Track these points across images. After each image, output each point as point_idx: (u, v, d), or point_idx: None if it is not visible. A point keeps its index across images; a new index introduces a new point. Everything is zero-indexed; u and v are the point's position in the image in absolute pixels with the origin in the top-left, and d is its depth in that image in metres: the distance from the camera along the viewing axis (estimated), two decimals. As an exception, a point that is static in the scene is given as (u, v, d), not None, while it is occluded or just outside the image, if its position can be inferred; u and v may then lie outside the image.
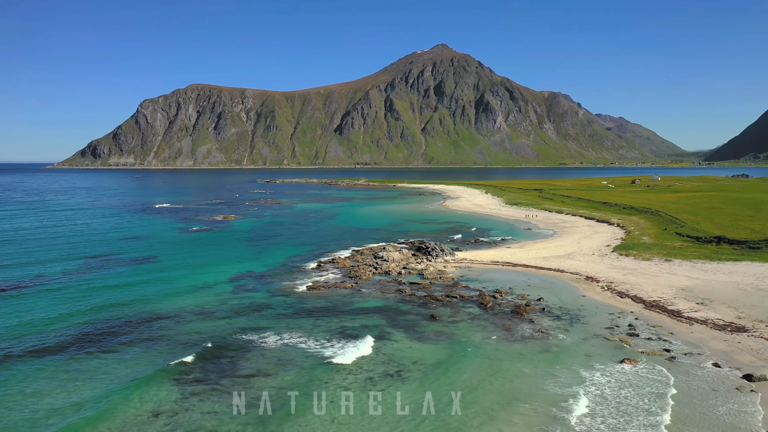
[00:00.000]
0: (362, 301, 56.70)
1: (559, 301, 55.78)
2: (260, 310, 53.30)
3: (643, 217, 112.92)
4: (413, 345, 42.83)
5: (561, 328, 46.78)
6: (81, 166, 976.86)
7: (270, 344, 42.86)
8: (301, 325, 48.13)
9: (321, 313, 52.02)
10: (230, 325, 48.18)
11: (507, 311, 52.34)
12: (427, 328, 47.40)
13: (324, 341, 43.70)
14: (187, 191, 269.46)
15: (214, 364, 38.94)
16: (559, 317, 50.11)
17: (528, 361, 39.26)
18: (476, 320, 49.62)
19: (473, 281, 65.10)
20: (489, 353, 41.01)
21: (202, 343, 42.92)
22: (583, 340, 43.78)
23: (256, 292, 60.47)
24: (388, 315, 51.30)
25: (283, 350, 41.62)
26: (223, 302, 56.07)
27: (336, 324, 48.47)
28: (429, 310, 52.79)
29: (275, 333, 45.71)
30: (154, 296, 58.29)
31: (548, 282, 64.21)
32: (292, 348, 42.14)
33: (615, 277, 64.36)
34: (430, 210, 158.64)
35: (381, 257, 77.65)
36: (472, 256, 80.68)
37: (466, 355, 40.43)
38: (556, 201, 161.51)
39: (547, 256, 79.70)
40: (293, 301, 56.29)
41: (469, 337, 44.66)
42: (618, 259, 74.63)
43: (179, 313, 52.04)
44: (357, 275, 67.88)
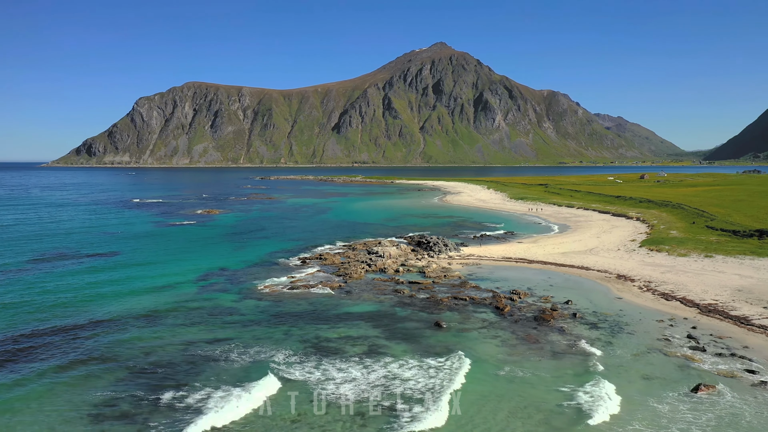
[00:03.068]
0: (351, 304, 46.57)
1: (590, 304, 45.72)
2: (224, 315, 43.12)
3: (664, 210, 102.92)
4: (413, 364, 32.71)
5: (601, 340, 36.70)
6: (76, 164, 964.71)
7: (223, 364, 32.63)
8: (270, 335, 37.93)
9: (298, 319, 41.84)
10: (180, 336, 37.99)
11: (529, 317, 42.26)
12: (430, 339, 37.28)
13: (296, 358, 33.51)
14: (177, 187, 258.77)
15: (135, 396, 28.75)
16: (596, 325, 40.03)
17: (569, 388, 29.16)
18: (492, 329, 39.52)
19: (484, 280, 55.00)
20: (514, 376, 30.90)
21: (132, 360, 32.78)
22: (635, 356, 33.71)
23: (224, 293, 50.29)
24: (382, 322, 41.19)
25: (239, 373, 31.44)
26: (180, 306, 45.87)
27: (313, 334, 38.25)
28: (433, 316, 42.69)
29: (235, 346, 35.51)
30: (99, 298, 48.08)
31: (573, 281, 54.17)
32: (252, 369, 31.95)
33: (652, 276, 54.33)
34: (429, 205, 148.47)
35: (375, 253, 67.53)
36: (480, 251, 70.57)
37: (485, 380, 30.35)
38: (564, 195, 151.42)
39: (565, 251, 69.65)
40: (266, 305, 46.09)
41: (485, 353, 34.57)
42: (649, 255, 64.59)
43: (121, 319, 41.83)
44: (347, 273, 57.75)
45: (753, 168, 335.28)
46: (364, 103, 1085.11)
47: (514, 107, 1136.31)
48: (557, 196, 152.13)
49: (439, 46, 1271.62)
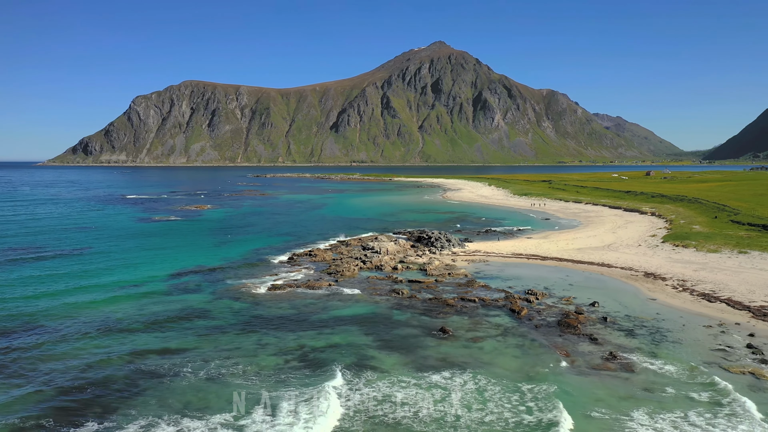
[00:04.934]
0: (341, 306, 39.95)
1: (620, 306, 39.14)
2: (189, 319, 36.47)
3: (680, 205, 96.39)
4: (413, 383, 26.09)
5: (644, 351, 30.13)
6: (72, 163, 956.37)
7: (170, 383, 25.87)
8: (238, 345, 31.26)
9: (276, 325, 35.18)
10: (130, 345, 31.32)
11: (551, 322, 35.67)
12: (435, 350, 30.69)
13: (265, 375, 26.85)
14: (170, 184, 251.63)
15: (42, 428, 22.09)
16: (632, 331, 33.46)
17: (621, 422, 22.57)
18: (508, 336, 32.94)
19: (494, 278, 48.42)
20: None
21: (61, 377, 26.11)
22: (690, 372, 27.13)
23: (195, 294, 43.64)
24: (377, 328, 34.58)
25: (189, 396, 24.77)
26: (141, 308, 39.20)
27: (294, 343, 31.59)
28: (437, 320, 36.11)
29: (191, 360, 28.80)
30: (48, 299, 41.38)
31: (595, 280, 47.61)
32: (205, 390, 25.28)
33: (685, 274, 47.78)
34: (429, 201, 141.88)
35: (371, 248, 60.89)
36: (486, 247, 63.97)
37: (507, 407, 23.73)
38: (570, 191, 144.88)
39: (580, 247, 63.09)
40: (241, 308, 39.43)
41: (503, 368, 27.97)
42: (675, 251, 58.04)
43: (66, 324, 35.14)
44: (338, 271, 51.14)
45: (760, 166, 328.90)
46: (363, 102, 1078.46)
47: (513, 106, 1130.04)
48: (563, 192, 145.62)
49: (438, 45, 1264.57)
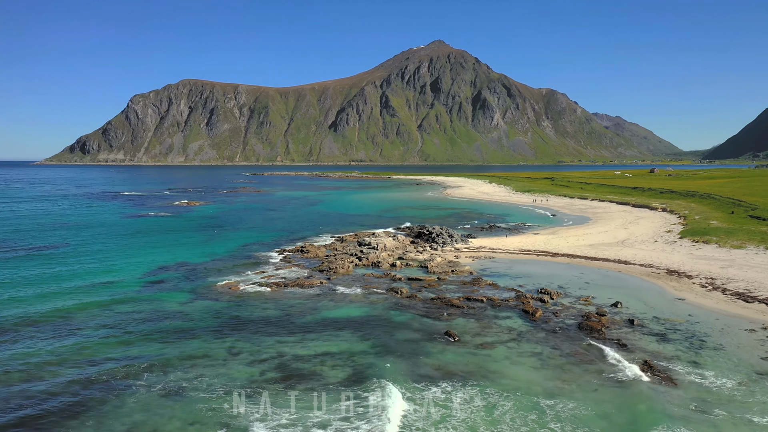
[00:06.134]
0: (332, 307, 35.63)
1: (646, 307, 34.87)
2: (161, 322, 32.13)
3: (692, 201, 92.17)
4: (409, 396, 21.76)
5: (682, 359, 25.85)
6: (69, 162, 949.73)
7: (116, 400, 21.55)
8: (208, 352, 26.89)
9: (257, 329, 30.84)
10: (85, 352, 26.96)
11: (570, 325, 31.39)
12: (439, 358, 26.36)
13: (235, 391, 22.50)
14: (164, 181, 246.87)
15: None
16: (665, 336, 29.18)
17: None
18: (524, 342, 28.63)
19: (502, 276, 44.11)
20: (574, 427, 20.02)
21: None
22: (743, 386, 22.84)
23: (172, 293, 39.29)
24: (372, 332, 30.28)
25: (135, 418, 20.44)
26: (108, 308, 34.86)
27: (273, 351, 27.22)
28: (441, 323, 31.82)
29: (146, 369, 24.42)
30: (12, 299, 37.03)
31: (613, 278, 43.33)
32: (155, 412, 20.95)
33: (712, 271, 43.52)
34: (430, 197, 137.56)
35: (368, 244, 56.55)
36: (491, 243, 59.67)
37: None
38: (574, 188, 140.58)
39: (593, 243, 58.81)
40: (220, 308, 35.10)
41: (518, 380, 23.67)
42: (696, 247, 53.78)
43: (21, 327, 30.80)
44: (331, 268, 46.82)
45: (766, 164, 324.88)
46: (362, 101, 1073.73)
47: (512, 106, 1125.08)
48: (566, 188, 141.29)
49: (437, 44, 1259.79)
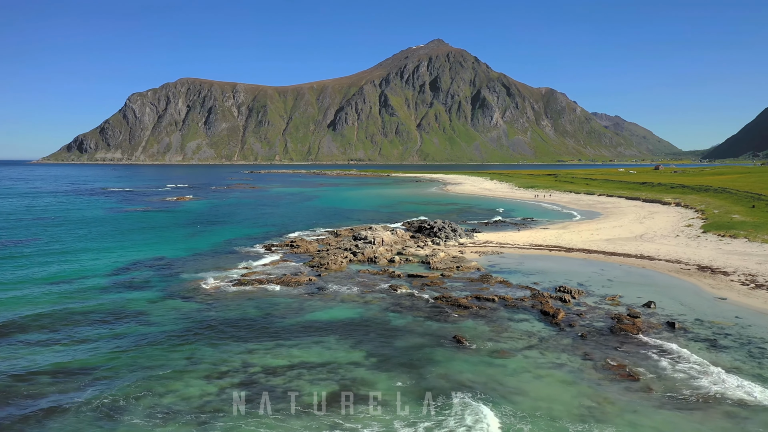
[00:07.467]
0: (321, 307, 30.87)
1: (683, 307, 30.17)
2: (119, 324, 27.36)
3: (706, 195, 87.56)
4: (413, 424, 17.00)
5: (744, 371, 21.16)
6: (67, 161, 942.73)
7: (48, 424, 16.84)
8: (167, 362, 22.08)
9: (229, 333, 26.05)
10: (20, 361, 22.19)
11: (600, 328, 26.66)
12: (445, 368, 21.60)
13: (184, 414, 17.72)
14: (158, 178, 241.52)
15: None
16: (716, 343, 24.47)
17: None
18: (546, 350, 23.88)
19: (513, 273, 39.37)
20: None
21: None
22: (833, 407, 18.15)
23: (141, 291, 34.52)
24: (366, 338, 25.52)
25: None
26: (63, 309, 30.10)
27: (239, 362, 22.39)
28: (447, 326, 27.07)
29: (96, 384, 19.69)
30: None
31: (638, 274, 38.62)
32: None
33: (749, 267, 38.85)
34: (430, 193, 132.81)
35: (364, 238, 51.79)
36: (498, 238, 54.95)
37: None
38: (579, 184, 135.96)
39: (609, 238, 54.14)
40: (192, 309, 30.33)
41: (542, 398, 18.93)
42: (723, 242, 49.10)
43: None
44: (322, 264, 42.08)
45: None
46: (361, 100, 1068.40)
47: (512, 105, 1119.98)
48: (571, 184, 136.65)
49: (437, 43, 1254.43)
